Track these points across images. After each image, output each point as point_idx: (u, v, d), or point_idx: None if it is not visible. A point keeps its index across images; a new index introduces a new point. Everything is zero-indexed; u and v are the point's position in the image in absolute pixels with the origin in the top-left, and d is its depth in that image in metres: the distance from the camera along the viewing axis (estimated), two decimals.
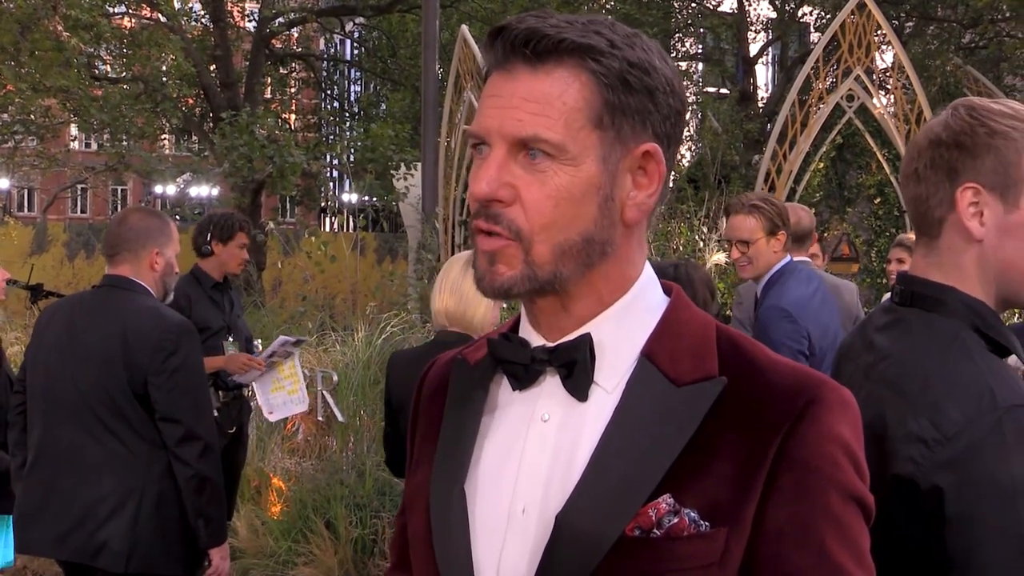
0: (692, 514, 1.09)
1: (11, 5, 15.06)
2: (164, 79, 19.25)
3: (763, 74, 27.73)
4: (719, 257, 8.88)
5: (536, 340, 1.20)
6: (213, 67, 20.29)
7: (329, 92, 28.88)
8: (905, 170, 1.65)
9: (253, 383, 5.48)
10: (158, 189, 30.16)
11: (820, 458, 1.09)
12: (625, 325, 1.18)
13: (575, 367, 1.16)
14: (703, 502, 1.09)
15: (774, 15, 22.01)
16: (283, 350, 5.51)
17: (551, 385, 1.18)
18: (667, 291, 1.24)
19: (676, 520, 1.08)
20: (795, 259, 4.22)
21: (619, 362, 1.17)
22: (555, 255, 1.13)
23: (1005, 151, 1.55)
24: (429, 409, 1.33)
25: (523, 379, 1.19)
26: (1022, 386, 1.50)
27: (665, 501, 1.09)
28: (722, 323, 1.24)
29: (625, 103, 1.13)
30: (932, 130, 1.62)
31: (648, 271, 1.22)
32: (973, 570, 1.41)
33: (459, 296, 3.25)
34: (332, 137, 26.41)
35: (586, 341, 1.16)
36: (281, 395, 5.47)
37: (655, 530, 1.09)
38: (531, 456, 1.17)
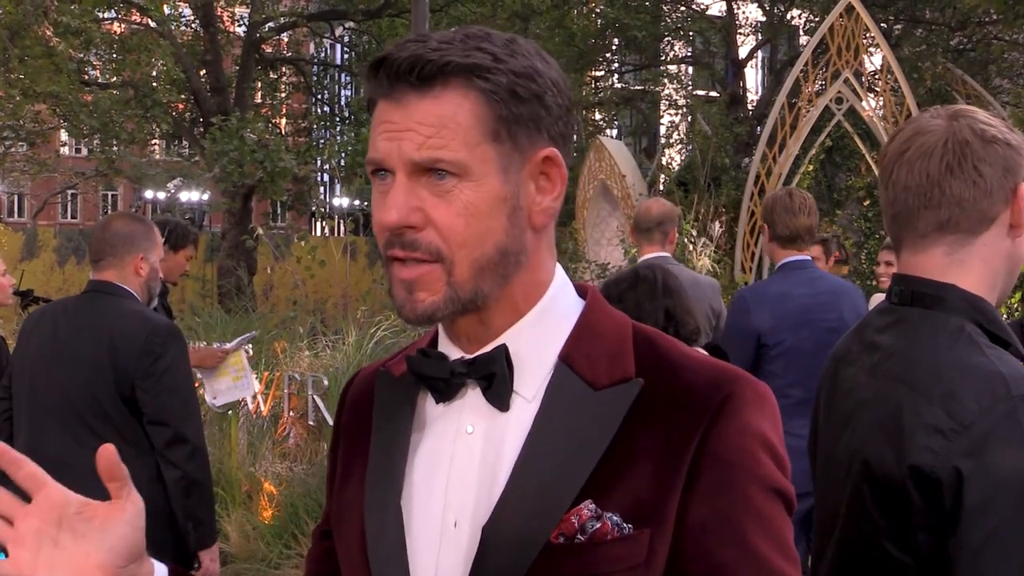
0: (614, 518, 1.09)
1: (1, 12, 15.03)
2: (154, 84, 19.19)
3: (752, 77, 27.77)
4: (707, 260, 8.90)
5: (455, 353, 1.20)
6: (203, 72, 20.27)
7: (319, 96, 28.83)
8: (954, 168, 1.61)
9: (199, 372, 5.65)
10: (148, 194, 30.08)
11: (739, 453, 1.10)
12: (541, 332, 1.19)
13: (494, 379, 1.16)
14: (625, 504, 1.10)
15: (763, 18, 22.07)
16: (242, 342, 5.73)
17: (473, 397, 1.18)
18: (582, 293, 1.24)
19: (599, 525, 1.09)
20: (649, 256, 4.44)
21: (538, 370, 1.17)
22: (474, 272, 1.14)
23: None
24: (353, 422, 1.33)
25: (445, 393, 1.19)
26: None
27: (587, 507, 1.09)
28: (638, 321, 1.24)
29: (517, 114, 1.13)
30: (980, 131, 1.62)
31: (560, 275, 1.23)
32: (991, 558, 1.43)
33: None
34: (322, 141, 26.39)
35: (503, 352, 1.16)
36: (226, 381, 5.54)
37: (579, 536, 1.09)
38: (459, 468, 1.17)
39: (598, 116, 23.99)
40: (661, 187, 15.03)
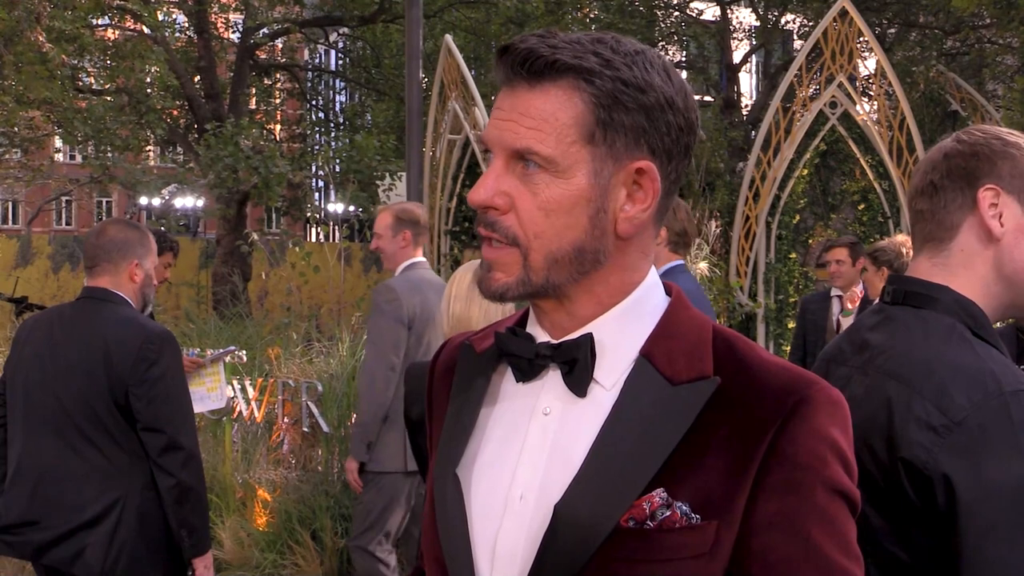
0: (684, 507, 1.14)
1: None
2: (148, 91, 19.18)
3: (747, 81, 27.83)
4: (703, 265, 8.89)
5: (541, 336, 1.26)
6: (197, 78, 20.27)
7: (314, 103, 28.84)
8: (918, 186, 1.71)
9: None
10: (143, 201, 30.07)
11: (808, 455, 1.14)
12: (626, 326, 1.23)
13: (576, 364, 1.21)
14: (695, 496, 1.14)
15: (757, 23, 22.11)
16: (221, 355, 5.65)
17: (552, 380, 1.24)
18: (668, 292, 1.29)
19: (669, 513, 1.14)
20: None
21: (618, 361, 1.22)
22: (547, 263, 1.19)
23: (1020, 159, 1.65)
24: (439, 392, 1.40)
25: (527, 372, 1.25)
26: (1020, 372, 1.54)
27: (659, 495, 1.14)
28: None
29: (618, 120, 1.17)
30: (943, 148, 1.69)
31: (652, 276, 1.27)
32: (988, 554, 1.44)
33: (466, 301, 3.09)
34: (317, 147, 26.37)
35: (587, 340, 1.21)
36: (200, 391, 5.47)
37: (648, 522, 1.14)
38: (531, 447, 1.22)
39: None
40: None
